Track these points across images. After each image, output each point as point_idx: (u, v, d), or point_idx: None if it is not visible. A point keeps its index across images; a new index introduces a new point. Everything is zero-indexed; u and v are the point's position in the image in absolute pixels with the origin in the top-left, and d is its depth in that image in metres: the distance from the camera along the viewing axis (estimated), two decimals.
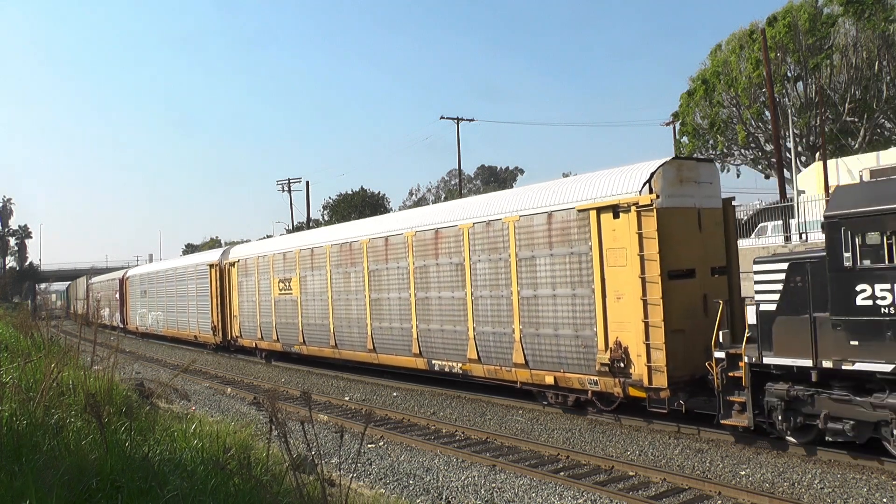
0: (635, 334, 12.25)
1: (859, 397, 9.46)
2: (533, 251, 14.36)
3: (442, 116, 50.28)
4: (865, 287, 9.08)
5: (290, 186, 65.61)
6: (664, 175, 12.43)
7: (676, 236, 12.36)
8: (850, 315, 9.25)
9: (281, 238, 31.96)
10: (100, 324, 16.79)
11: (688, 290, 12.36)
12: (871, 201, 9.24)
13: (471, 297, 15.88)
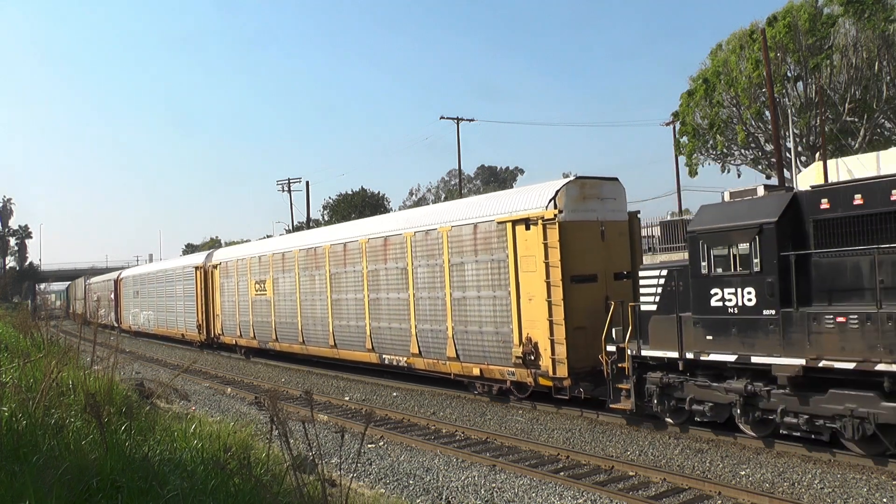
0: (543, 331, 14.02)
1: (716, 383, 11.12)
2: (462, 258, 16.17)
3: (442, 116, 50.37)
4: (717, 291, 10.86)
5: (290, 186, 65.66)
6: (567, 192, 14.29)
7: (579, 246, 14.12)
8: (706, 314, 11.02)
9: (258, 242, 33.80)
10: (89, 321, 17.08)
11: (590, 293, 14.06)
12: (722, 219, 10.99)
13: (413, 298, 17.61)
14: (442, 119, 48.67)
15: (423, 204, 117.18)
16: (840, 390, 9.69)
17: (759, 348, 10.33)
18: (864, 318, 9.18)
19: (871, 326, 9.09)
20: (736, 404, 10.79)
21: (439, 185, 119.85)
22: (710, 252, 10.97)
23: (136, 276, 43.67)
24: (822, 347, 9.61)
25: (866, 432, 9.41)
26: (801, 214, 10.41)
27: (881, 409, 9.20)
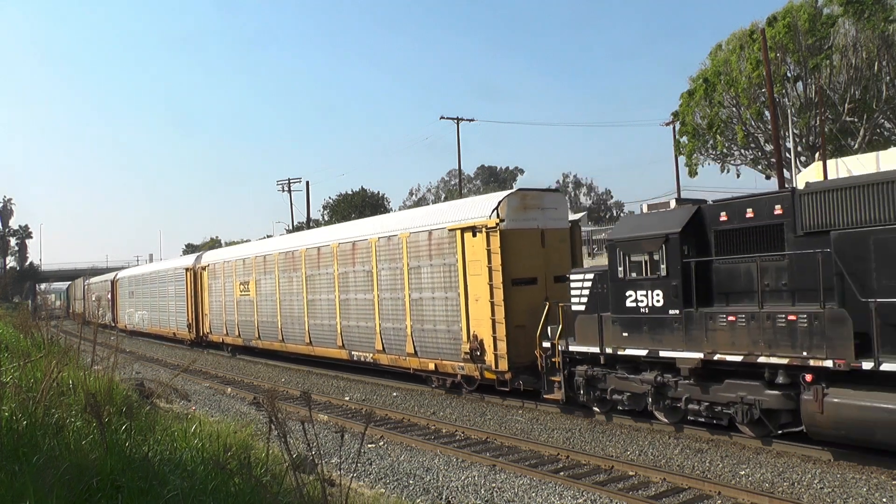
0: (487, 329, 15.35)
1: (633, 375, 12.40)
2: (419, 261, 17.50)
3: (442, 116, 50.34)
4: (631, 293, 12.16)
5: (290, 186, 65.64)
6: (509, 203, 15.62)
7: (519, 251, 15.39)
8: (622, 314, 12.33)
9: (242, 246, 35.10)
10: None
11: (530, 294, 15.28)
12: (636, 229, 12.32)
13: (377, 299, 19.02)
14: (442, 119, 48.68)
15: (423, 204, 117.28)
16: (733, 380, 11.00)
17: (666, 344, 11.63)
18: (750, 317, 10.49)
19: (754, 324, 10.42)
20: (649, 394, 12.16)
21: (439, 185, 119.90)
22: (625, 258, 12.30)
23: (131, 277, 45.10)
24: (716, 343, 10.91)
25: (754, 416, 10.73)
26: (704, 226, 11.63)
27: (765, 396, 10.54)
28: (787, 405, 10.33)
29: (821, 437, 10.03)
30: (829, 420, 9.67)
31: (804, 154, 41.99)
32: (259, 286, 26.06)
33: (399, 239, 18.22)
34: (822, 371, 9.71)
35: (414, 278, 17.69)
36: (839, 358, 9.43)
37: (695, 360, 11.17)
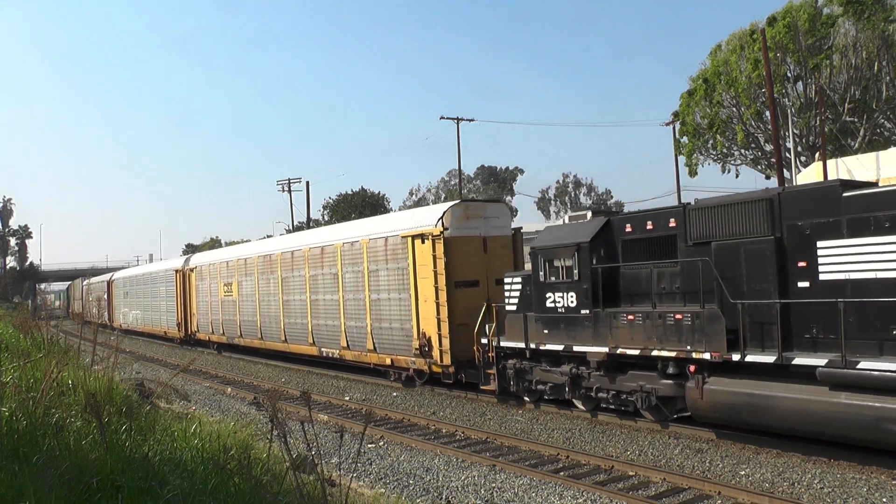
0: (433, 327, 16.82)
1: (554, 367, 13.89)
2: (377, 265, 19.09)
3: (442, 116, 50.33)
4: (550, 294, 13.68)
5: (290, 186, 65.60)
6: (453, 213, 17.21)
7: (462, 257, 16.88)
8: (543, 313, 13.83)
9: (226, 249, 37.10)
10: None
11: (472, 296, 16.64)
12: (555, 239, 13.93)
13: (342, 300, 20.65)
14: (442, 119, 48.60)
15: (423, 204, 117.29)
16: (635, 371, 12.45)
17: (579, 340, 13.18)
18: (645, 316, 12.03)
19: (649, 322, 11.93)
20: (566, 384, 13.64)
21: (439, 185, 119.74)
22: (546, 264, 13.80)
23: (125, 279, 46.80)
24: (618, 338, 12.45)
25: (652, 403, 12.16)
26: (612, 236, 13.13)
27: (660, 385, 11.98)
28: (678, 392, 11.72)
29: (702, 419, 11.53)
30: (707, 404, 11.16)
31: (804, 154, 41.99)
32: (241, 287, 27.73)
33: (360, 245, 19.90)
34: (703, 362, 11.17)
35: (373, 281, 19.31)
36: (715, 351, 10.94)
37: (602, 354, 12.74)
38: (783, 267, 10.53)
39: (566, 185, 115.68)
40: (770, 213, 10.69)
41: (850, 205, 9.84)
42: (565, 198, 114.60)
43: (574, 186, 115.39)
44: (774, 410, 10.21)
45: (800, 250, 10.35)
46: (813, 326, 10.10)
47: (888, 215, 9.38)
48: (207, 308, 31.29)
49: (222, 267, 29.76)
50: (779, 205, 10.63)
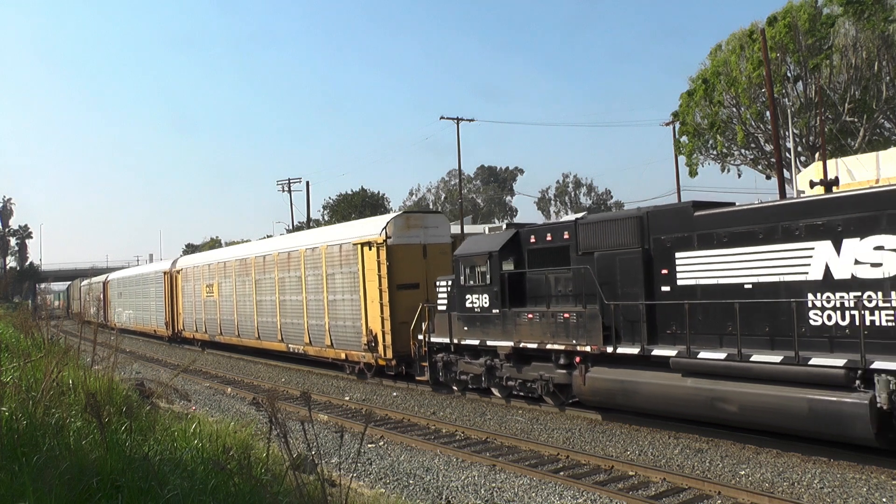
0: (378, 325, 18.96)
1: (474, 360, 15.80)
2: (334, 269, 21.30)
3: (442, 116, 50.20)
4: (469, 296, 15.65)
5: (290, 186, 65.59)
6: (395, 223, 19.32)
7: (404, 262, 18.98)
8: (463, 312, 15.78)
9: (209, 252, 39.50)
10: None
11: (413, 297, 18.51)
12: (474, 247, 15.88)
13: (305, 300, 22.88)
14: (442, 119, 48.42)
15: (424, 204, 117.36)
16: (537, 362, 14.33)
17: (491, 335, 15.10)
18: (541, 315, 13.99)
19: (544, 320, 13.89)
20: (483, 375, 15.52)
21: (439, 185, 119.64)
22: (465, 269, 15.74)
23: (119, 280, 49.00)
24: (521, 334, 14.37)
25: (550, 390, 14.15)
26: (520, 245, 15.00)
27: (555, 374, 13.87)
28: (569, 380, 13.61)
29: (586, 403, 13.61)
30: (589, 390, 13.12)
31: (804, 154, 41.99)
32: (220, 289, 29.84)
33: (320, 251, 22.06)
34: (585, 354, 13.15)
35: (330, 283, 21.50)
36: (594, 344, 12.87)
37: (509, 348, 14.67)
38: (649, 274, 12.33)
39: (566, 185, 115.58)
40: (640, 228, 12.49)
41: (700, 223, 11.69)
42: (565, 198, 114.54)
43: (574, 186, 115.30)
44: (639, 394, 12.17)
45: (662, 260, 12.16)
46: (672, 324, 11.85)
47: (726, 232, 11.26)
48: (192, 308, 33.22)
49: (204, 269, 31.83)
50: (647, 222, 12.42)
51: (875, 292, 9.53)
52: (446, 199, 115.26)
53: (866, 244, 9.63)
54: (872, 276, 9.55)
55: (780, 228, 10.62)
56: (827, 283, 10.02)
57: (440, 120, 48.51)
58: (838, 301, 9.88)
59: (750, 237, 10.96)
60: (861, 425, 9.25)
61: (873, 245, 9.56)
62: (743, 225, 11.12)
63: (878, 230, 9.51)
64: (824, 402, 9.64)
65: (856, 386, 9.45)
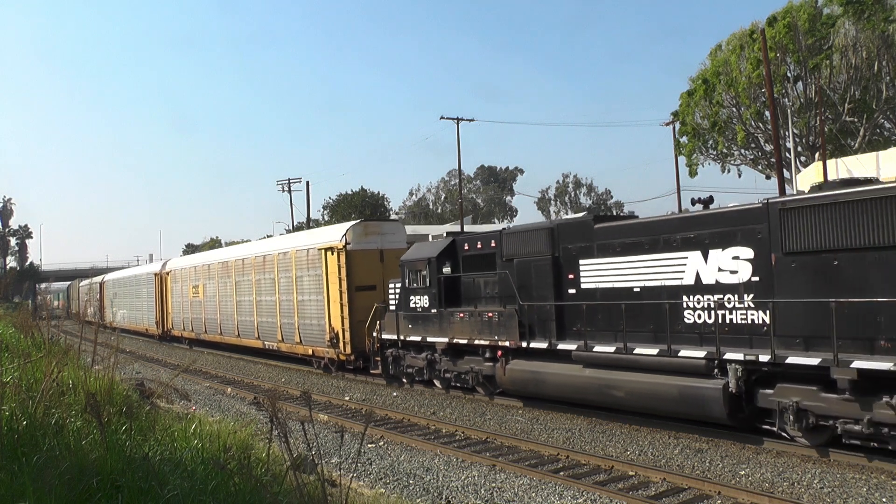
0: (340, 323, 20.85)
1: (417, 354, 17.44)
2: (302, 272, 23.14)
3: (442, 116, 50.11)
4: (413, 297, 17.35)
5: (290, 186, 65.56)
6: (354, 230, 21.34)
7: (362, 266, 20.91)
8: (408, 311, 17.54)
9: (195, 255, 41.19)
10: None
11: (370, 298, 20.25)
12: (417, 253, 17.72)
13: (278, 300, 24.70)
14: (442, 119, 48.37)
15: (424, 204, 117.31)
16: (469, 356, 15.93)
17: (431, 332, 16.75)
18: (470, 315, 15.75)
19: (473, 319, 15.62)
20: (425, 368, 17.19)
21: (439, 185, 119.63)
22: (410, 273, 17.45)
23: (114, 280, 50.88)
24: (454, 331, 16.12)
25: (480, 381, 15.79)
26: (456, 252, 16.70)
27: (483, 367, 15.52)
28: (494, 372, 15.22)
29: (507, 392, 15.29)
30: (509, 380, 14.78)
31: (804, 154, 41.99)
32: (205, 290, 31.69)
33: (290, 255, 23.94)
34: (505, 348, 14.80)
35: (299, 285, 23.31)
36: (511, 340, 14.57)
37: (444, 343, 16.37)
38: (559, 278, 14.00)
39: (566, 185, 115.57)
40: (551, 238, 14.11)
41: (599, 234, 13.30)
42: (565, 198, 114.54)
43: (574, 186, 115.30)
44: (548, 383, 13.86)
45: (569, 266, 13.81)
46: (577, 322, 13.51)
47: (619, 242, 12.89)
48: (180, 307, 35.30)
49: (191, 271, 33.85)
50: (557, 232, 14.09)
51: (732, 295, 11.14)
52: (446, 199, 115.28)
53: (727, 254, 11.25)
54: (731, 282, 11.17)
55: (661, 240, 12.18)
56: (697, 287, 11.62)
57: (440, 120, 48.47)
58: (706, 302, 11.50)
59: (638, 247, 12.54)
60: (717, 407, 10.83)
61: (732, 255, 11.18)
62: (633, 236, 12.70)
63: (735, 243, 11.14)
64: (689, 388, 11.27)
65: (714, 374, 11.03)
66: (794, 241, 10.35)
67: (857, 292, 9.54)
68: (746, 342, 10.80)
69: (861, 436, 9.50)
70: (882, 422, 9.19)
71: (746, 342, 10.80)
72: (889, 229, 9.32)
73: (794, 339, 10.29)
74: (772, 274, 10.63)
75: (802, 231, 10.26)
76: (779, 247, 10.53)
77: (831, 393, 9.71)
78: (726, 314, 11.18)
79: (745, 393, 10.65)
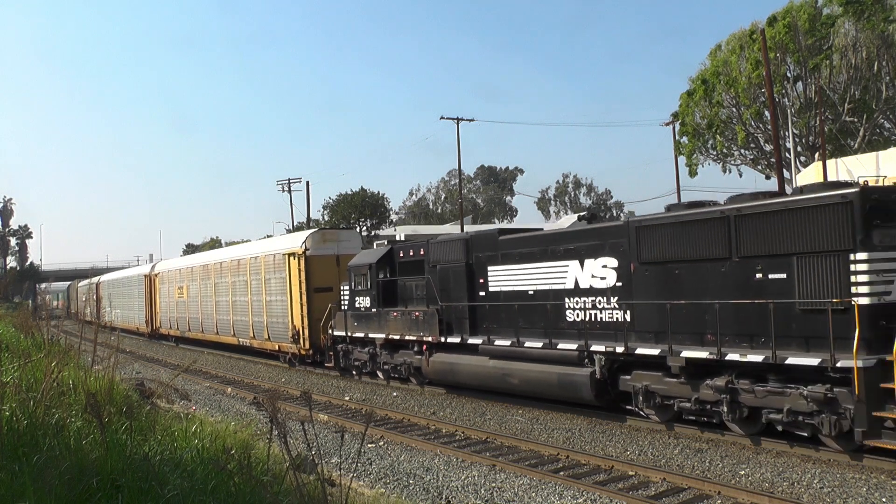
0: (300, 321, 23.19)
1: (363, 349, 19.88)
2: (270, 275, 25.55)
3: (442, 116, 50.11)
4: (357, 298, 19.71)
5: (290, 186, 65.53)
6: (312, 238, 23.90)
7: (320, 270, 23.23)
8: (354, 311, 19.88)
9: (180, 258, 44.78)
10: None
11: (327, 298, 22.17)
12: (362, 259, 20.14)
13: (250, 301, 27.16)
14: (442, 119, 48.31)
15: (424, 204, 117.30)
16: (403, 350, 18.18)
17: (372, 329, 18.99)
18: (401, 314, 17.90)
19: (404, 317, 17.80)
20: (368, 360, 19.59)
21: (439, 185, 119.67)
22: (355, 277, 19.71)
23: (109, 281, 53.27)
24: (390, 328, 18.26)
25: (412, 371, 18.01)
26: (392, 258, 18.91)
27: (413, 359, 17.74)
28: (421, 364, 17.23)
29: (432, 382, 17.43)
30: (431, 371, 16.96)
31: (804, 154, 42.00)
32: (189, 291, 34.16)
33: (260, 259, 26.48)
34: (429, 343, 16.88)
35: (268, 287, 25.64)
36: (433, 336, 16.67)
37: (382, 339, 18.63)
38: (472, 282, 16.08)
39: (566, 185, 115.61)
40: (466, 247, 16.28)
41: (502, 244, 15.48)
42: (565, 198, 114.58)
43: (574, 186, 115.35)
44: (461, 373, 16.01)
45: (480, 271, 15.93)
46: (486, 320, 15.71)
47: (518, 252, 15.01)
48: (167, 307, 37.84)
49: (176, 273, 36.31)
50: (471, 243, 16.26)
51: (602, 297, 13.17)
52: (446, 199, 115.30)
53: (598, 263, 13.27)
54: (600, 286, 13.21)
55: (549, 250, 14.27)
56: (576, 291, 13.68)
57: (440, 120, 48.46)
58: (582, 303, 13.58)
59: (532, 256, 14.63)
60: (586, 390, 13.04)
61: (602, 264, 13.18)
62: (528, 247, 14.88)
63: (604, 254, 13.16)
64: (565, 375, 13.46)
65: (585, 363, 13.18)
66: (647, 253, 12.37)
67: (693, 296, 11.50)
68: (612, 336, 12.78)
69: (693, 412, 11.56)
70: (705, 400, 11.28)
71: (612, 336, 12.78)
72: (714, 244, 11.30)
73: (648, 333, 12.28)
74: (631, 280, 12.62)
75: (652, 245, 12.30)
76: (636, 258, 12.52)
77: (671, 378, 11.72)
78: (597, 313, 13.29)
79: (609, 379, 12.85)
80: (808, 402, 9.95)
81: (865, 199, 9.62)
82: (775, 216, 10.58)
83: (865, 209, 9.59)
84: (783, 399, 10.26)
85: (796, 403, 10.10)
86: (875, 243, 9.60)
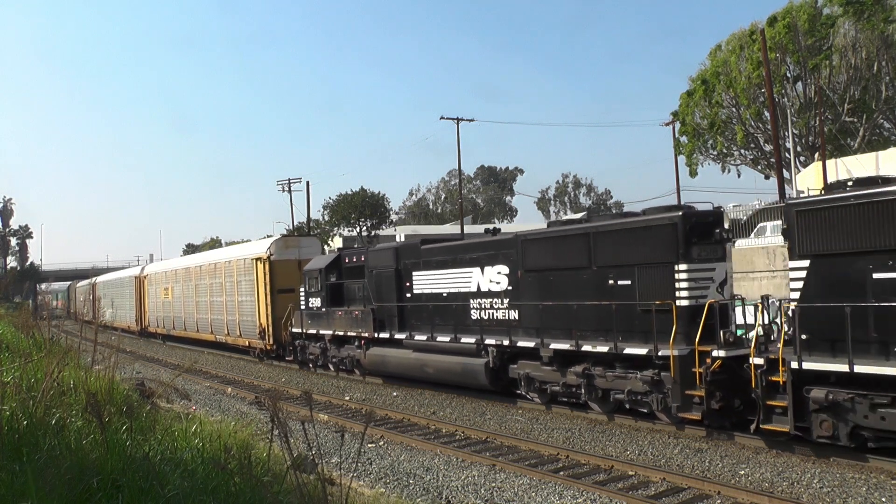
0: (265, 320, 25.73)
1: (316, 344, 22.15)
2: (241, 278, 28.13)
3: (442, 116, 50.16)
4: (311, 299, 22.18)
5: (291, 186, 65.52)
6: (276, 244, 26.81)
7: (282, 273, 25.71)
8: (308, 310, 22.23)
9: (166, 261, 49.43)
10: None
11: (289, 299, 24.36)
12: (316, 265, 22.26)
13: (225, 301, 29.73)
14: (442, 119, 48.39)
15: (424, 204, 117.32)
16: (347, 345, 20.53)
17: (322, 326, 21.41)
18: (345, 313, 20.26)
19: (346, 316, 20.20)
20: (320, 354, 21.97)
21: (439, 186, 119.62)
22: (309, 280, 22.25)
23: (104, 282, 55.45)
24: (336, 325, 20.62)
25: (355, 364, 20.36)
26: (340, 264, 21.37)
27: (356, 353, 19.97)
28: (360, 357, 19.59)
29: (369, 373, 19.90)
30: (368, 363, 19.35)
31: (804, 154, 42.02)
32: (173, 291, 36.63)
33: (233, 263, 29.15)
34: (366, 338, 19.29)
35: (239, 288, 28.20)
36: (368, 332, 19.05)
37: (330, 335, 21.00)
38: (400, 285, 18.31)
39: (566, 185, 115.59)
40: (396, 255, 18.55)
41: (423, 253, 17.80)
42: (565, 198, 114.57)
43: (574, 186, 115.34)
44: (390, 364, 18.48)
45: (406, 276, 18.14)
46: (412, 318, 17.92)
47: (435, 259, 17.35)
48: (155, 307, 40.41)
49: (163, 275, 39.06)
50: (399, 251, 18.58)
51: (497, 299, 15.49)
52: (446, 199, 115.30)
53: (494, 270, 15.58)
54: (496, 290, 15.50)
55: (458, 259, 16.67)
56: (478, 293, 15.98)
57: (440, 120, 48.54)
58: (482, 304, 15.89)
59: (446, 263, 17.01)
60: (482, 377, 15.39)
61: (497, 271, 15.49)
62: (443, 255, 17.17)
63: (499, 262, 15.49)
64: (467, 364, 15.79)
65: (482, 354, 15.47)
66: (530, 262, 14.66)
67: (563, 298, 13.73)
68: (505, 332, 15.04)
69: (562, 394, 13.81)
70: (570, 384, 13.50)
71: (505, 332, 15.04)
72: (578, 256, 13.50)
73: (531, 329, 14.49)
74: (518, 285, 14.91)
75: (534, 255, 14.60)
76: (522, 266, 14.81)
77: (546, 366, 13.93)
78: (494, 312, 15.61)
79: (501, 367, 15.13)
80: (643, 384, 12.12)
81: (686, 221, 11.82)
82: (623, 233, 12.84)
83: (686, 229, 11.78)
84: (625, 382, 12.47)
85: (635, 385, 12.30)
86: (693, 257, 11.85)
